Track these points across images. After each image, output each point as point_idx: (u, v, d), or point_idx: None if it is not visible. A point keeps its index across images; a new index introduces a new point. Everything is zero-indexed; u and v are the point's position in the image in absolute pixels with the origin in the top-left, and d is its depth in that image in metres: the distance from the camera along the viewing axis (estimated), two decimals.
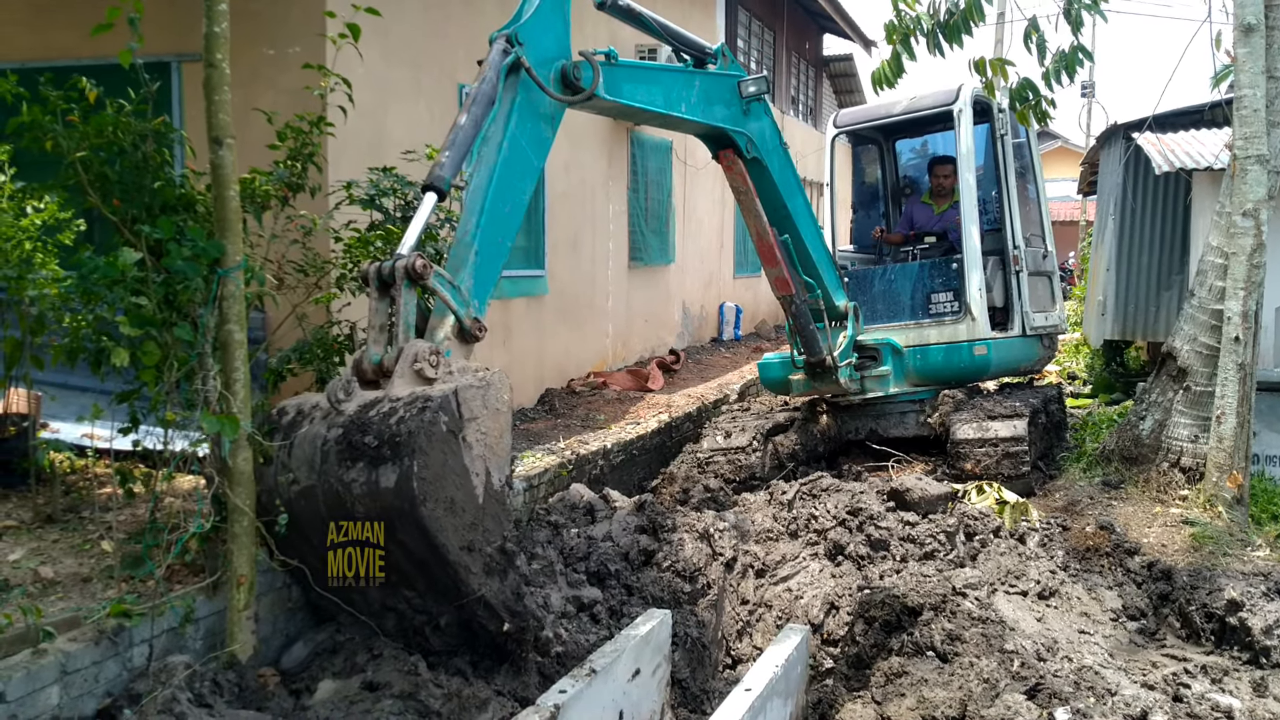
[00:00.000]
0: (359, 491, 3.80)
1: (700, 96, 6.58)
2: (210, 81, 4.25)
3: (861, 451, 8.87)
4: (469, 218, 4.77)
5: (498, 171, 4.82)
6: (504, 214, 4.86)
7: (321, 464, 3.95)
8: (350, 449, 3.88)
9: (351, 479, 3.83)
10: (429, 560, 3.87)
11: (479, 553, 3.96)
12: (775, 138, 7.41)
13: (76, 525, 5.11)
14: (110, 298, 4.32)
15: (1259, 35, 6.65)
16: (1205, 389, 7.05)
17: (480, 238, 4.72)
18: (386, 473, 3.73)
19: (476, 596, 3.92)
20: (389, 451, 3.77)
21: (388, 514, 3.78)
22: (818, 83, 24.38)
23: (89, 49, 5.59)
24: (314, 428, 4.11)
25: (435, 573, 3.91)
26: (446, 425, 3.86)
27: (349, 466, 3.85)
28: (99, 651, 3.95)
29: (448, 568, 3.84)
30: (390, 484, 3.73)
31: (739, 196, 7.39)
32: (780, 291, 7.76)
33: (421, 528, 3.75)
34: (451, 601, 3.98)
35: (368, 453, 3.82)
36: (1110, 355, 13.75)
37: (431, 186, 4.52)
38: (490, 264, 4.80)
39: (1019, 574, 5.96)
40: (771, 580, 6.20)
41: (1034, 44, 7.34)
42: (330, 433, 3.99)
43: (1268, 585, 5.59)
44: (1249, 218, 6.71)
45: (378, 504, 3.77)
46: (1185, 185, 11.02)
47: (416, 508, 3.69)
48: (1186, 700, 4.54)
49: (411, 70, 8.03)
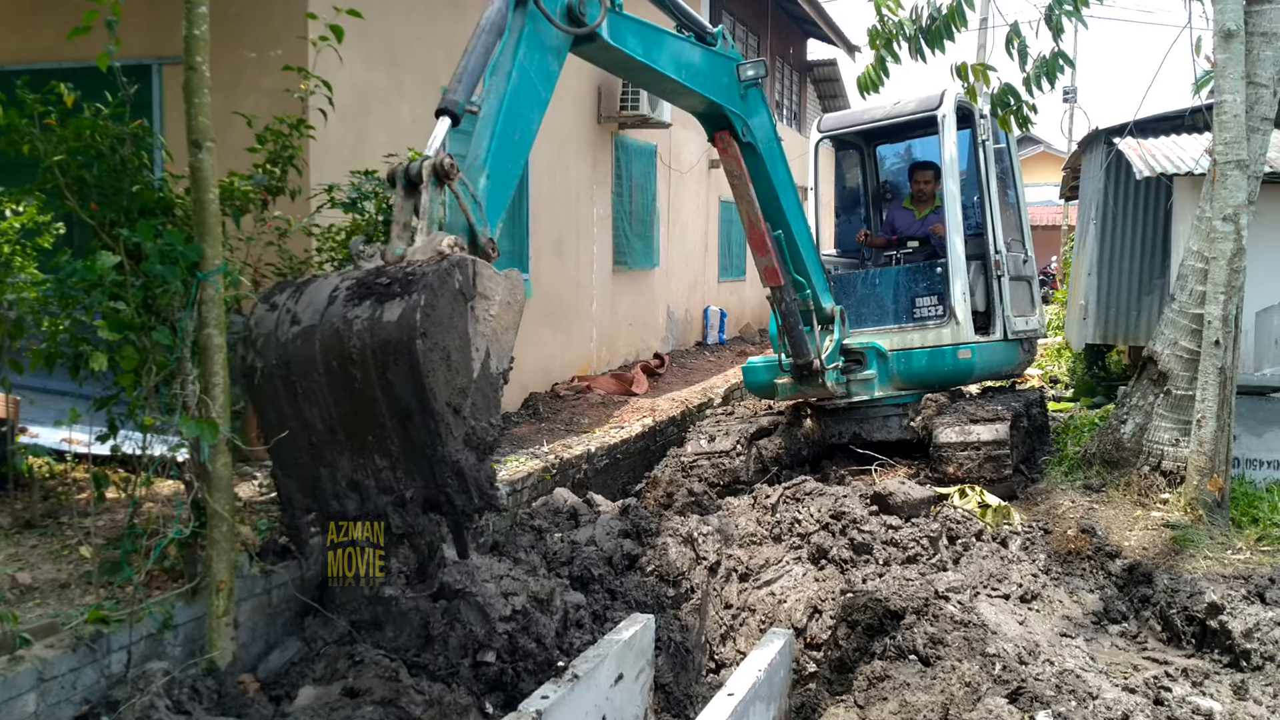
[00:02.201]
0: (359, 326, 3.77)
1: (701, 68, 6.59)
2: (190, 84, 4.22)
3: (845, 455, 8.89)
4: (480, 143, 4.78)
5: (507, 99, 4.84)
6: (513, 141, 4.88)
7: (327, 306, 3.91)
8: (361, 288, 3.87)
9: (355, 315, 3.80)
10: (412, 409, 3.79)
11: (463, 419, 3.90)
12: (771, 130, 7.42)
13: (55, 531, 5.07)
14: (88, 302, 4.28)
15: (1239, 41, 6.69)
16: (1186, 393, 7.08)
17: (491, 162, 4.73)
18: (392, 307, 3.73)
19: (452, 460, 3.86)
20: (399, 289, 3.76)
21: (383, 348, 3.72)
22: (802, 88, 24.44)
23: (68, 51, 5.55)
24: (328, 280, 4.09)
25: (416, 427, 3.82)
26: (459, 284, 3.87)
27: (356, 305, 3.83)
28: (76, 658, 3.92)
29: (430, 418, 3.78)
30: (393, 317, 3.71)
31: (733, 181, 7.39)
32: (770, 282, 7.75)
33: (414, 363, 3.69)
34: (425, 467, 3.89)
35: (377, 291, 3.81)
36: (1092, 359, 13.82)
37: (445, 111, 4.52)
38: (501, 189, 4.81)
39: (1001, 577, 5.98)
40: (755, 584, 6.20)
41: (1015, 49, 7.37)
42: (344, 282, 3.97)
43: (1248, 588, 5.62)
44: (1229, 222, 6.75)
45: (376, 337, 3.72)
46: (1166, 190, 11.09)
47: (414, 339, 3.66)
48: (1167, 703, 4.55)
49: (394, 72, 8.01)
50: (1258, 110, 6.85)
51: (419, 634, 4.89)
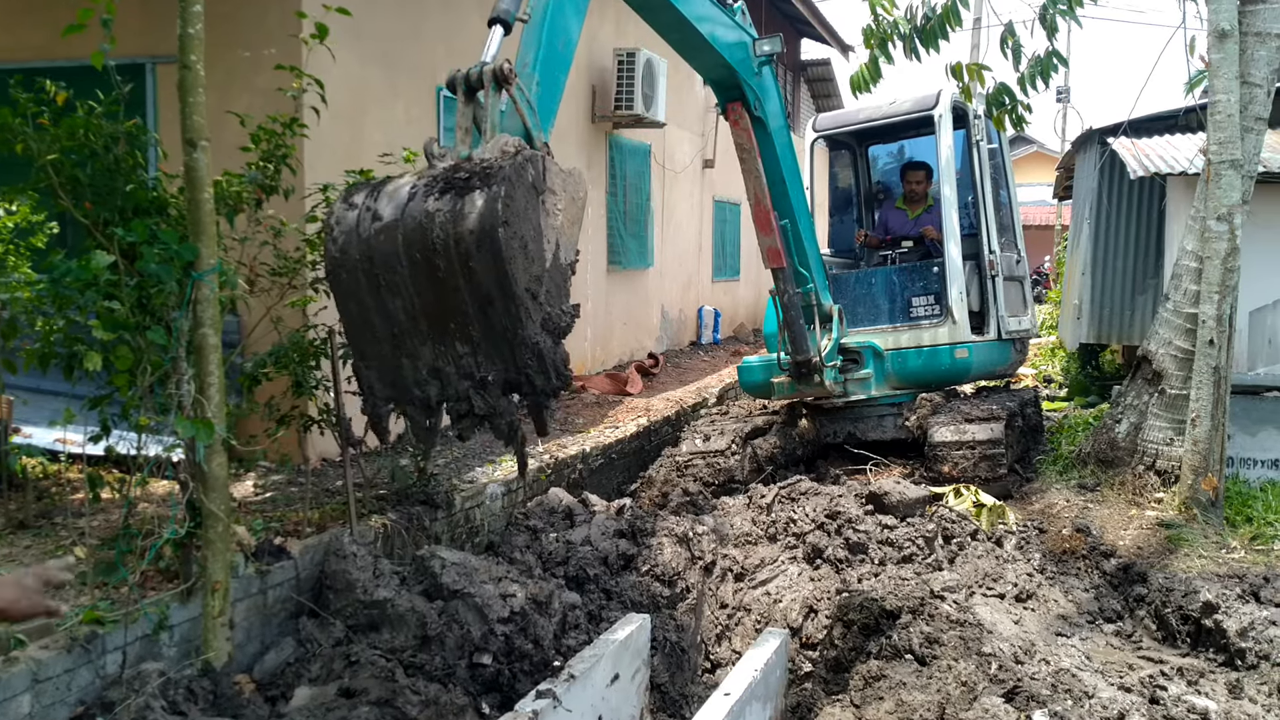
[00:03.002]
0: (442, 219, 3.91)
1: (722, 29, 6.60)
2: (184, 83, 4.21)
3: (840, 455, 8.89)
4: (528, 51, 4.86)
5: (550, 7, 4.91)
6: (558, 50, 4.97)
7: (408, 202, 4.04)
8: (440, 183, 4.01)
9: (436, 208, 3.94)
10: (494, 294, 3.95)
11: (540, 305, 4.07)
12: (781, 112, 7.43)
13: (49, 531, 5.06)
14: (83, 301, 4.28)
15: (1233, 41, 6.70)
16: (1180, 392, 7.09)
17: (540, 69, 4.81)
18: (473, 199, 3.88)
19: (532, 343, 4.02)
20: (478, 182, 3.91)
21: (467, 237, 3.87)
22: (796, 88, 24.44)
23: (62, 50, 5.52)
24: (405, 179, 4.21)
25: (497, 312, 3.98)
26: (532, 177, 4.01)
27: (436, 199, 3.97)
28: (71, 659, 3.91)
29: (512, 302, 3.93)
30: (475, 207, 3.86)
31: (741, 155, 7.39)
32: (772, 263, 7.74)
33: (496, 250, 3.83)
34: (506, 350, 4.07)
35: (456, 185, 3.95)
36: (1086, 358, 13.84)
37: (498, 19, 4.63)
38: (551, 95, 4.91)
39: (996, 577, 5.98)
40: (750, 584, 6.19)
41: (1010, 49, 7.39)
42: (421, 180, 4.10)
43: (1242, 587, 5.62)
44: (1223, 222, 6.76)
45: (459, 227, 3.87)
46: (1160, 190, 11.11)
47: (496, 228, 3.80)
48: (1163, 702, 4.55)
49: (388, 72, 7.99)
50: (1252, 110, 6.86)
51: (416, 634, 4.89)
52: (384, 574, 5.13)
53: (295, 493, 6.11)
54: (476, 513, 6.58)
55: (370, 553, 5.30)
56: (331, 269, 4.18)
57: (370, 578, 5.06)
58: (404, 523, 5.88)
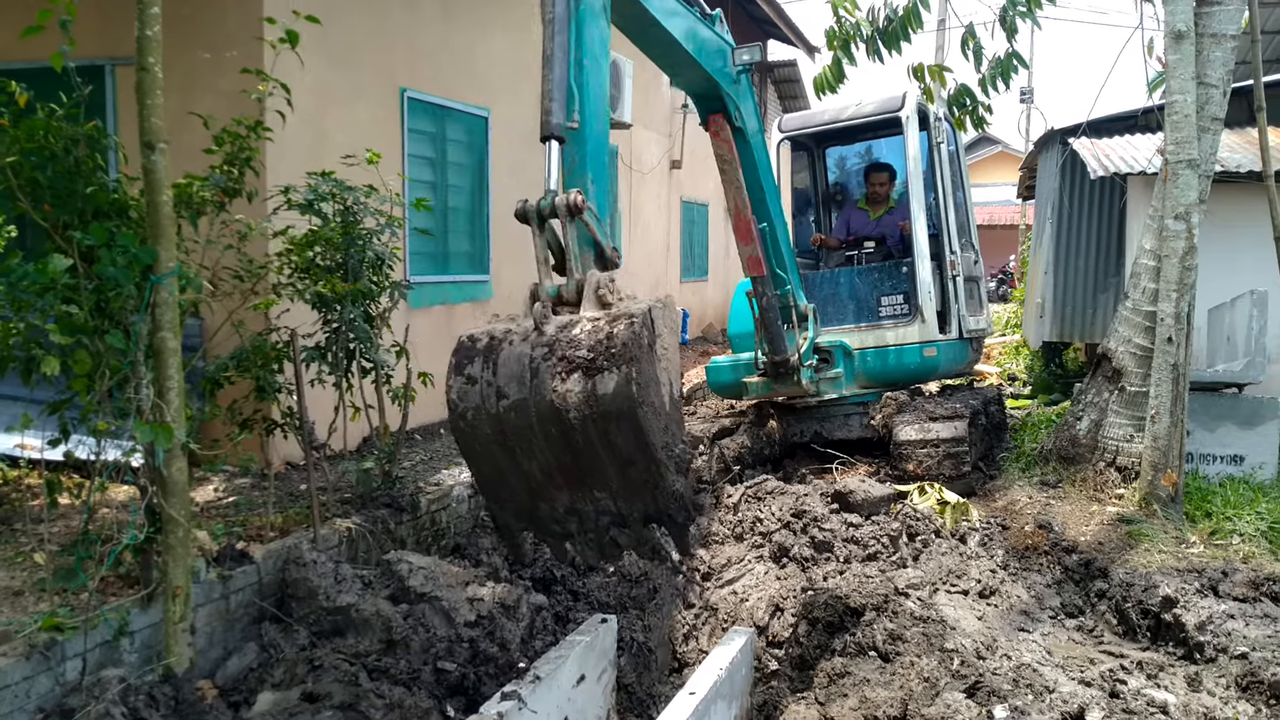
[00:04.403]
0: (575, 400, 4.05)
1: (705, 43, 6.63)
2: (142, 85, 4.17)
3: (807, 454, 8.93)
4: (575, 150, 4.92)
5: (587, 92, 4.95)
6: (598, 131, 5.02)
7: (533, 379, 4.16)
8: (563, 362, 4.14)
9: (568, 389, 4.07)
10: (635, 459, 4.12)
11: (671, 452, 4.25)
12: (758, 120, 7.46)
13: (9, 538, 5.00)
14: (41, 305, 4.23)
15: (1189, 42, 6.79)
16: (1140, 389, 7.18)
17: (591, 165, 4.93)
18: (604, 380, 4.03)
19: (673, 491, 4.22)
20: (605, 362, 4.05)
21: (606, 418, 4.03)
22: (762, 89, 24.52)
23: (18, 52, 5.47)
24: (515, 348, 4.31)
25: (638, 471, 4.16)
26: (648, 340, 4.15)
27: (563, 379, 4.10)
28: (30, 666, 3.87)
29: (653, 464, 4.12)
30: (609, 390, 4.00)
31: (722, 166, 7.41)
32: (753, 271, 7.78)
33: (637, 428, 4.01)
34: (648, 496, 4.25)
35: (582, 365, 4.08)
36: (1049, 357, 13.97)
37: (551, 136, 4.67)
38: (604, 184, 5.02)
39: (960, 573, 6.03)
40: (718, 583, 6.22)
41: (971, 50, 7.46)
42: (535, 351, 4.22)
43: (1201, 582, 5.70)
44: (1181, 221, 6.85)
45: (596, 409, 4.02)
46: (1120, 189, 11.23)
47: (636, 409, 3.97)
48: (1123, 696, 4.60)
49: (352, 74, 7.96)
50: (1208, 110, 6.95)
51: (381, 638, 4.87)
52: (346, 579, 5.12)
53: (259, 497, 6.08)
54: (442, 515, 6.56)
55: (331, 558, 5.28)
56: (464, 443, 4.33)
57: (332, 584, 5.04)
58: (369, 526, 5.86)
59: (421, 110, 8.92)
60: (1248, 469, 7.56)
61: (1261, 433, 7.62)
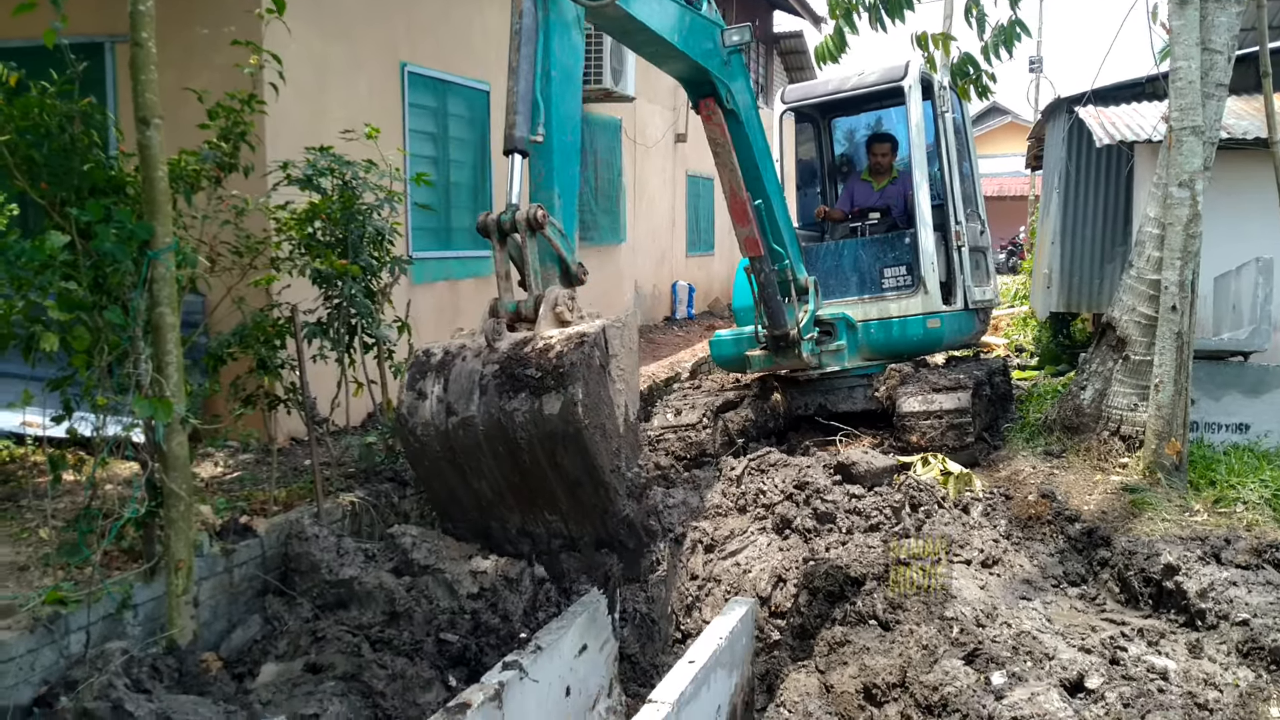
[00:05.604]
0: (521, 419, 4.01)
1: (691, 32, 6.58)
2: (136, 61, 4.17)
3: (811, 426, 8.93)
4: (541, 163, 4.85)
5: (554, 105, 4.88)
6: (567, 144, 4.95)
7: (481, 396, 4.12)
8: (511, 380, 4.09)
9: (514, 408, 4.04)
10: (583, 481, 4.09)
11: (621, 476, 4.24)
12: (750, 97, 7.42)
13: (14, 514, 5.05)
14: (39, 282, 4.24)
15: (1193, 8, 6.72)
16: (1144, 358, 7.15)
17: (558, 179, 4.86)
18: (550, 400, 3.98)
19: (622, 516, 4.20)
20: (552, 381, 4.00)
21: (551, 438, 3.98)
22: (768, 60, 24.38)
23: (16, 30, 5.46)
24: (468, 364, 4.26)
25: (586, 494, 4.13)
26: (599, 360, 4.12)
27: (510, 397, 4.06)
28: (35, 639, 3.91)
29: (600, 488, 4.09)
30: (555, 410, 3.96)
31: (716, 149, 7.38)
32: (750, 252, 7.77)
33: (583, 449, 3.98)
34: (597, 520, 4.21)
35: (530, 384, 4.03)
36: (1057, 327, 13.92)
37: (515, 150, 4.63)
38: (570, 198, 4.96)
39: (963, 543, 6.03)
40: (720, 555, 6.23)
41: (974, 18, 7.40)
42: (487, 368, 4.18)
43: (1204, 549, 5.69)
44: (1185, 188, 6.80)
45: (542, 429, 3.97)
46: (1127, 157, 11.15)
47: (581, 431, 3.94)
48: (1123, 662, 4.61)
49: (350, 47, 7.93)
50: (1213, 76, 6.88)
51: (384, 610, 4.90)
52: (349, 552, 5.14)
53: (262, 472, 6.11)
54: None
55: (334, 532, 5.31)
56: (413, 458, 4.36)
57: (335, 557, 5.06)
58: (372, 500, 5.89)
59: (422, 84, 8.90)
60: (1253, 437, 7.54)
61: (1267, 400, 7.59)
